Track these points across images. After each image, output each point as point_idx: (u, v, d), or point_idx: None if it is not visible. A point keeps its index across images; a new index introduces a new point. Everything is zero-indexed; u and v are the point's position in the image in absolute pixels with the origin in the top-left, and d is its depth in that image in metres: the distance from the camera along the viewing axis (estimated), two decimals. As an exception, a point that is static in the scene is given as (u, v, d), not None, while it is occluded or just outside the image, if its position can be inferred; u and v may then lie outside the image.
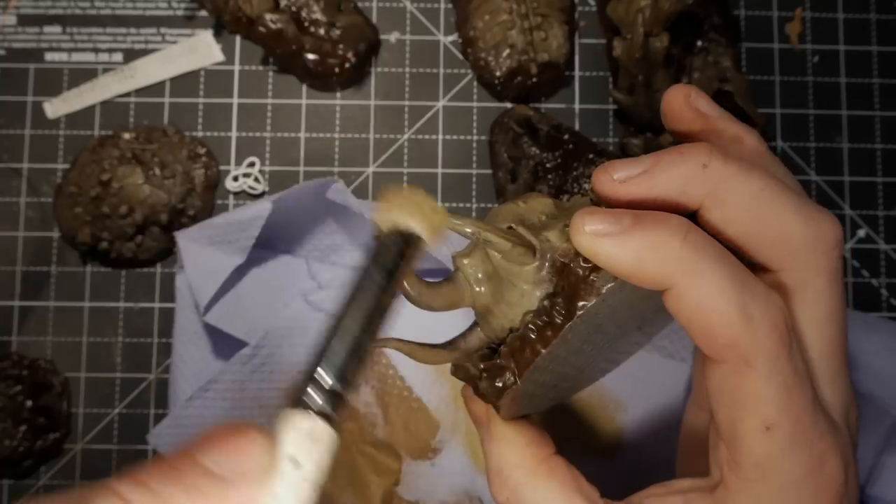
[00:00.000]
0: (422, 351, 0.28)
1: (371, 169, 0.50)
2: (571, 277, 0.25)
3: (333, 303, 0.47)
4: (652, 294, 0.25)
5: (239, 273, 0.45)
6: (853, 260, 0.50)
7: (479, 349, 0.28)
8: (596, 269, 0.25)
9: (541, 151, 0.48)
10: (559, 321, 0.25)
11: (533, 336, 0.26)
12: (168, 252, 0.49)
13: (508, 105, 0.51)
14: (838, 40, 0.52)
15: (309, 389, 0.21)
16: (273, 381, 0.45)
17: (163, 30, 0.51)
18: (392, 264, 0.23)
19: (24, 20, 0.51)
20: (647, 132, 0.49)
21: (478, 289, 0.27)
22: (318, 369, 0.21)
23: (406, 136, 0.51)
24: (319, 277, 0.47)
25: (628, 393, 0.46)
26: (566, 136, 0.48)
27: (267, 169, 0.50)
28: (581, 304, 0.25)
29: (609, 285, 0.24)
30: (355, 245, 0.47)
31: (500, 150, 0.49)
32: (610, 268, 0.24)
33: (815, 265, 0.26)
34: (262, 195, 0.50)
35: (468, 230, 0.26)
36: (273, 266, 0.47)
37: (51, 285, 0.49)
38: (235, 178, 0.50)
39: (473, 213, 0.50)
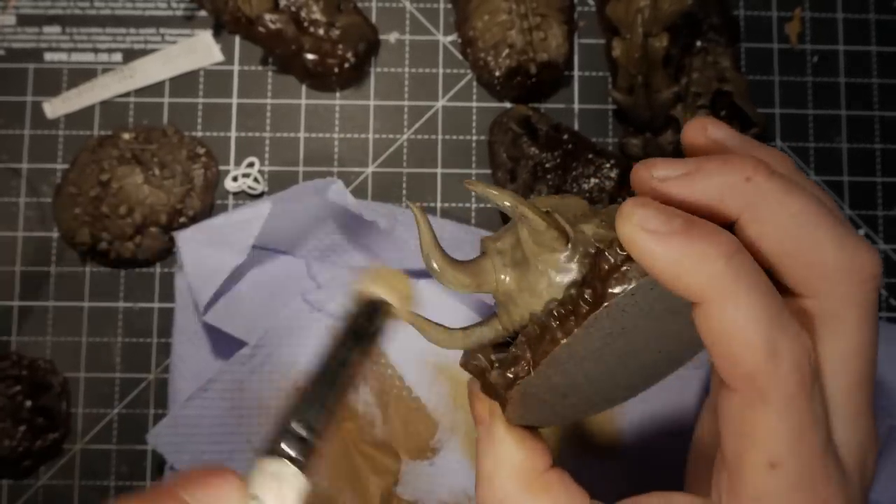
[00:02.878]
0: (435, 330, 0.27)
1: (370, 169, 0.50)
2: (603, 265, 0.24)
3: (333, 302, 0.47)
4: (681, 310, 0.25)
5: (238, 273, 0.45)
6: (852, 260, 0.50)
7: (494, 341, 0.27)
8: (630, 259, 0.24)
9: (540, 151, 0.48)
10: (584, 310, 0.24)
11: (554, 324, 0.25)
12: (167, 252, 0.49)
13: (508, 105, 0.51)
14: (838, 40, 0.52)
15: (278, 438, 0.24)
16: (272, 381, 0.45)
17: (162, 30, 0.51)
18: (359, 328, 0.26)
19: (24, 20, 0.51)
20: (646, 132, 0.49)
21: (503, 276, 0.26)
22: (290, 421, 0.25)
23: (405, 136, 0.51)
24: (319, 277, 0.47)
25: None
26: (565, 136, 0.48)
27: (266, 169, 0.50)
28: (610, 291, 0.24)
29: (642, 278, 0.24)
30: (355, 245, 0.47)
31: (499, 150, 0.49)
32: (647, 266, 0.24)
33: (846, 295, 0.25)
34: (261, 195, 0.50)
35: (507, 203, 0.25)
36: (272, 266, 0.47)
37: (50, 285, 0.49)
38: (235, 179, 0.50)
39: (473, 214, 0.50)
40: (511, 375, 0.26)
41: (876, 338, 0.26)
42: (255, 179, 0.50)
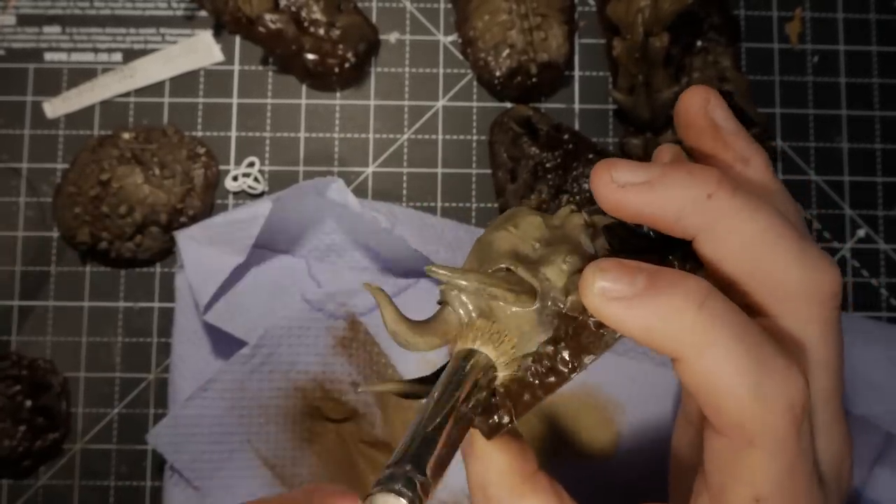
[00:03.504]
0: (414, 389, 0.27)
1: (371, 169, 0.50)
2: (578, 328, 0.24)
3: (333, 302, 0.47)
4: None
5: (239, 272, 0.45)
6: (853, 260, 0.50)
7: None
8: (603, 325, 0.24)
9: (540, 151, 0.48)
10: (565, 370, 0.24)
11: (534, 381, 0.25)
12: (167, 252, 0.49)
13: (508, 105, 0.51)
14: (838, 40, 0.52)
15: (394, 476, 0.23)
16: (272, 381, 0.45)
17: (162, 30, 0.51)
18: (461, 383, 0.25)
19: (24, 20, 0.51)
20: (646, 132, 0.49)
21: (471, 322, 0.26)
22: (404, 462, 0.23)
23: (406, 136, 0.51)
24: (319, 277, 0.47)
25: (626, 395, 0.45)
26: (566, 136, 0.48)
27: (266, 169, 0.50)
28: (589, 357, 0.24)
29: (618, 337, 0.24)
30: (355, 245, 0.47)
31: (499, 150, 0.49)
32: (620, 331, 0.23)
33: (807, 315, 0.24)
34: (261, 195, 0.50)
35: (472, 286, 0.25)
36: (273, 265, 0.47)
37: (50, 285, 0.49)
38: (235, 178, 0.50)
39: (473, 214, 0.50)
40: (493, 422, 0.26)
41: (841, 349, 0.25)
42: (256, 179, 0.50)
